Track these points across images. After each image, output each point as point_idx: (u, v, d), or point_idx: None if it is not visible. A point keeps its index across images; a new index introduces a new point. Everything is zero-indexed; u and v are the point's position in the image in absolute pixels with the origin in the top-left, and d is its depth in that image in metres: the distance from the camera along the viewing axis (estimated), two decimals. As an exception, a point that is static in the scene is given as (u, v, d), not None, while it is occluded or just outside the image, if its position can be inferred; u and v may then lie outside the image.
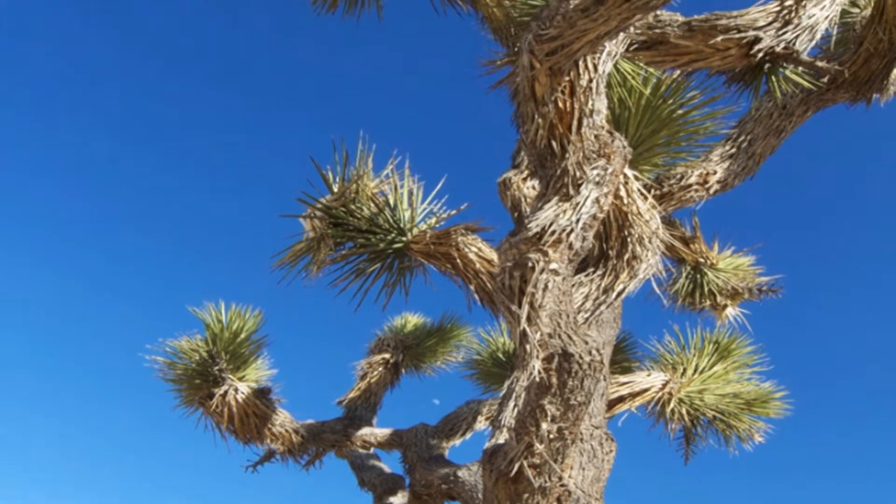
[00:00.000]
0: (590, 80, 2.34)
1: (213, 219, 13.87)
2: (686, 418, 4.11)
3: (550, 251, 2.18)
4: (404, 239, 3.33)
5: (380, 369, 5.46)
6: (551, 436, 2.29)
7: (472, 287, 3.26)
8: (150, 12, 13.38)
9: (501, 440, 2.81)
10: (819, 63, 3.27)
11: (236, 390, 4.56)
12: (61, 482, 12.56)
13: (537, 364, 2.13)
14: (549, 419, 2.26)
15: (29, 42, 13.24)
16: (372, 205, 3.41)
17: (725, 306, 4.85)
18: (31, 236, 13.80)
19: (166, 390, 4.64)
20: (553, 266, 2.18)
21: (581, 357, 2.19)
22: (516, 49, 2.73)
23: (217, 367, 4.49)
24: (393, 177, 3.45)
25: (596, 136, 2.39)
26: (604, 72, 2.39)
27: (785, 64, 3.27)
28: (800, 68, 3.32)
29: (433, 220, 3.41)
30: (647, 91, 3.16)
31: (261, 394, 4.68)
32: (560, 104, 2.33)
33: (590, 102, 2.36)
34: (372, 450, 5.38)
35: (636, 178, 2.91)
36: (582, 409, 2.29)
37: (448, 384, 6.04)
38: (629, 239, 2.89)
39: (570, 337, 2.20)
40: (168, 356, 4.62)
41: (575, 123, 2.35)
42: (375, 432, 5.16)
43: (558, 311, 2.19)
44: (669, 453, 4.29)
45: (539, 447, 2.30)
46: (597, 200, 2.31)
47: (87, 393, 13.28)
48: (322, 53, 13.69)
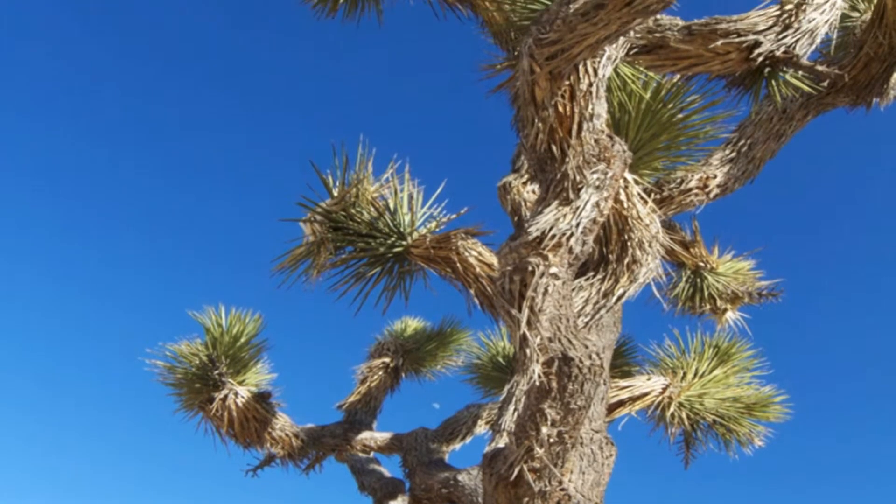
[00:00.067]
0: (590, 84, 2.35)
1: (213, 222, 13.88)
2: (686, 422, 4.10)
3: (550, 255, 2.18)
4: (404, 243, 3.33)
5: (380, 373, 5.46)
6: (551, 440, 2.29)
7: (472, 291, 3.27)
8: (150, 13, 13.40)
9: (501, 444, 2.81)
10: (819, 67, 3.27)
11: (236, 394, 4.55)
12: (61, 487, 12.54)
13: (537, 368, 2.13)
14: (550, 423, 2.25)
15: (29, 42, 13.25)
16: (372, 209, 3.41)
17: (725, 310, 4.85)
18: (30, 238, 13.79)
19: (166, 394, 4.64)
20: (553, 270, 2.18)
21: (581, 361, 2.19)
22: (516, 53, 2.73)
23: (217, 371, 4.49)
24: (393, 181, 3.45)
25: (596, 140, 2.39)
26: (604, 76, 2.40)
27: (785, 68, 3.27)
28: (800, 72, 3.32)
29: (433, 225, 3.41)
30: (648, 95, 3.16)
31: (261, 398, 4.68)
32: (560, 108, 2.33)
33: (590, 106, 2.36)
34: (372, 454, 5.36)
35: (636, 182, 2.91)
36: (582, 413, 2.29)
37: (448, 388, 6.05)
38: (629, 243, 2.89)
39: (571, 341, 2.20)
40: (168, 360, 4.61)
41: (575, 127, 2.35)
42: (375, 436, 5.16)
43: (558, 316, 2.19)
44: (669, 457, 4.29)
45: (539, 451, 2.30)
46: (597, 204, 2.31)
47: (87, 397, 13.27)
48: (322, 57, 13.71)
